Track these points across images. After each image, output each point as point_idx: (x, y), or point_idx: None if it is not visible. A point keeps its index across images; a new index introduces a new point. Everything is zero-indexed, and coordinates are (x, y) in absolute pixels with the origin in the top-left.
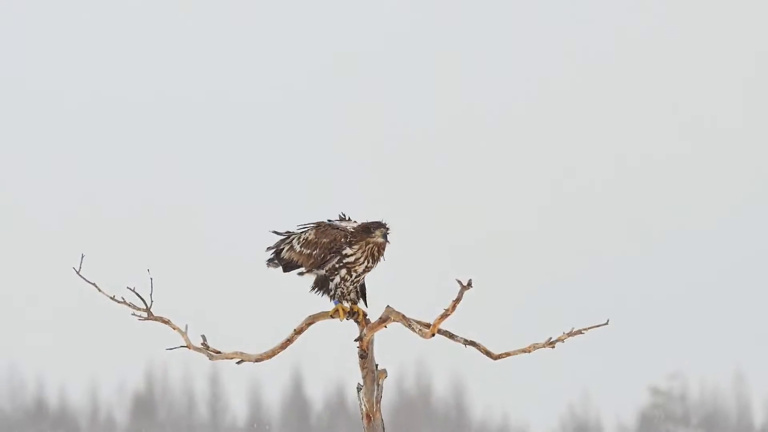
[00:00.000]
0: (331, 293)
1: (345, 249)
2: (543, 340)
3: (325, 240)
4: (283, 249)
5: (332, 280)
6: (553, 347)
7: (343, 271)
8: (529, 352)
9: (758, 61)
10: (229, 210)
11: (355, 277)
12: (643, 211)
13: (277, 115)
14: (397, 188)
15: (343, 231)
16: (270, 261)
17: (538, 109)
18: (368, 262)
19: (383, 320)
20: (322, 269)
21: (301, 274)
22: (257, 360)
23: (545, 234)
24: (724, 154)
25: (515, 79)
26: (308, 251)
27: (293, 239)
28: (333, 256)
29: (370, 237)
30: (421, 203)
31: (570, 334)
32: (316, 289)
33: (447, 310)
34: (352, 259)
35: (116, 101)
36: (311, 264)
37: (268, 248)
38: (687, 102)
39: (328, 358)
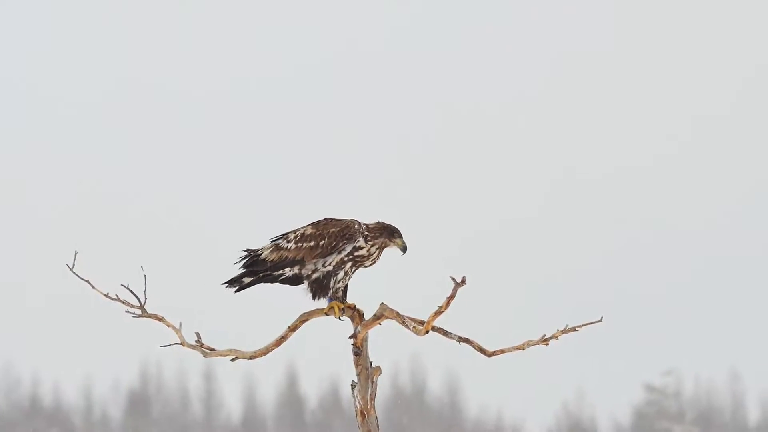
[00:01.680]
0: (330, 292)
1: (359, 241)
2: (537, 337)
3: (334, 229)
4: (260, 254)
5: (335, 277)
6: (547, 344)
7: (349, 265)
8: (523, 349)
9: (754, 63)
10: (224, 206)
11: (353, 273)
12: (639, 209)
13: (274, 112)
14: (390, 186)
15: (356, 222)
16: (233, 281)
17: (536, 109)
18: (375, 261)
19: (377, 317)
20: (327, 262)
21: (282, 281)
22: (251, 357)
23: (539, 231)
24: (721, 154)
25: (514, 79)
26: (311, 243)
27: (281, 239)
28: (345, 243)
29: (393, 239)
30: (413, 201)
31: (564, 331)
32: (316, 295)
33: (441, 307)
34: (365, 252)
35: (113, 97)
36: (317, 255)
37: (239, 260)
38: (687, 100)
39: (323, 355)
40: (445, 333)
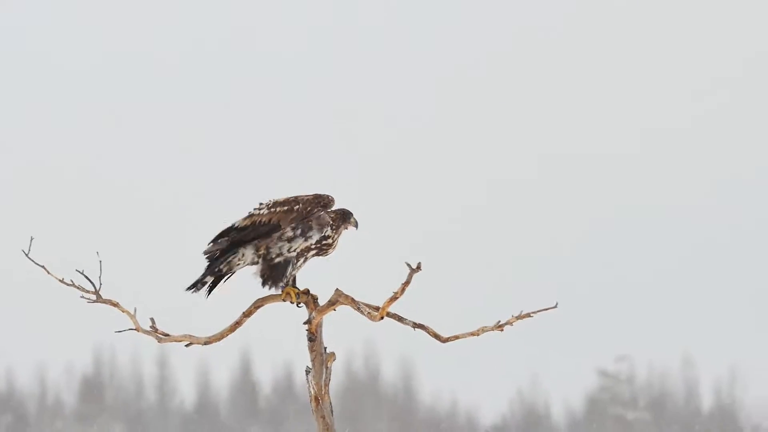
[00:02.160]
0: (284, 280)
1: (327, 230)
2: (491, 324)
3: (307, 197)
4: (234, 225)
5: (294, 264)
6: (502, 330)
7: (312, 253)
8: (478, 335)
9: (749, 49)
10: (179, 192)
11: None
12: (591, 195)
13: (232, 89)
14: (345, 173)
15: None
16: (196, 284)
17: (504, 92)
18: (334, 249)
19: (332, 303)
20: (292, 247)
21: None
22: (206, 343)
23: (493, 217)
24: (674, 143)
25: (484, 53)
26: (286, 207)
27: (253, 210)
28: (320, 210)
29: (348, 222)
30: (366, 189)
31: (518, 318)
32: (267, 281)
33: (396, 293)
34: (330, 241)
35: (67, 76)
36: (292, 219)
37: (208, 250)
38: (635, 101)
39: (277, 341)
40: (400, 319)
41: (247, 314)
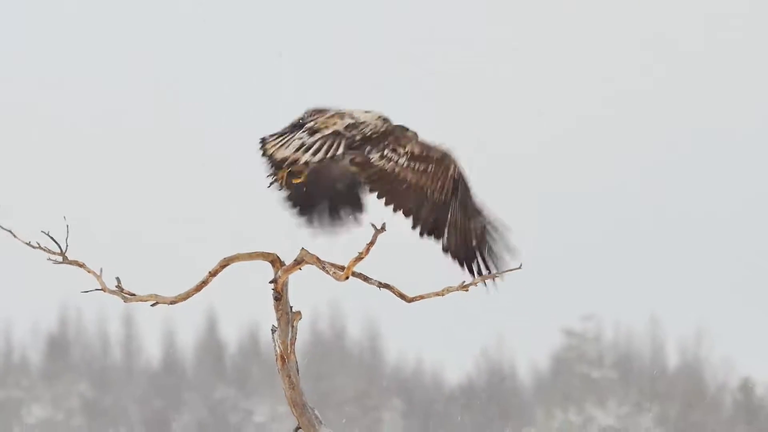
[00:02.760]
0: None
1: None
2: (457, 284)
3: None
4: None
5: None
6: (467, 290)
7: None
8: (443, 295)
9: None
10: (148, 153)
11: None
12: (559, 156)
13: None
14: None
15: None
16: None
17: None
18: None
19: (298, 262)
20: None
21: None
22: (172, 302)
23: None
24: (646, 106)
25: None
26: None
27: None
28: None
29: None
30: None
31: (483, 278)
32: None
33: (361, 253)
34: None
35: (29, 40)
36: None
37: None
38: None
39: (243, 300)
40: (366, 278)
41: (213, 273)
